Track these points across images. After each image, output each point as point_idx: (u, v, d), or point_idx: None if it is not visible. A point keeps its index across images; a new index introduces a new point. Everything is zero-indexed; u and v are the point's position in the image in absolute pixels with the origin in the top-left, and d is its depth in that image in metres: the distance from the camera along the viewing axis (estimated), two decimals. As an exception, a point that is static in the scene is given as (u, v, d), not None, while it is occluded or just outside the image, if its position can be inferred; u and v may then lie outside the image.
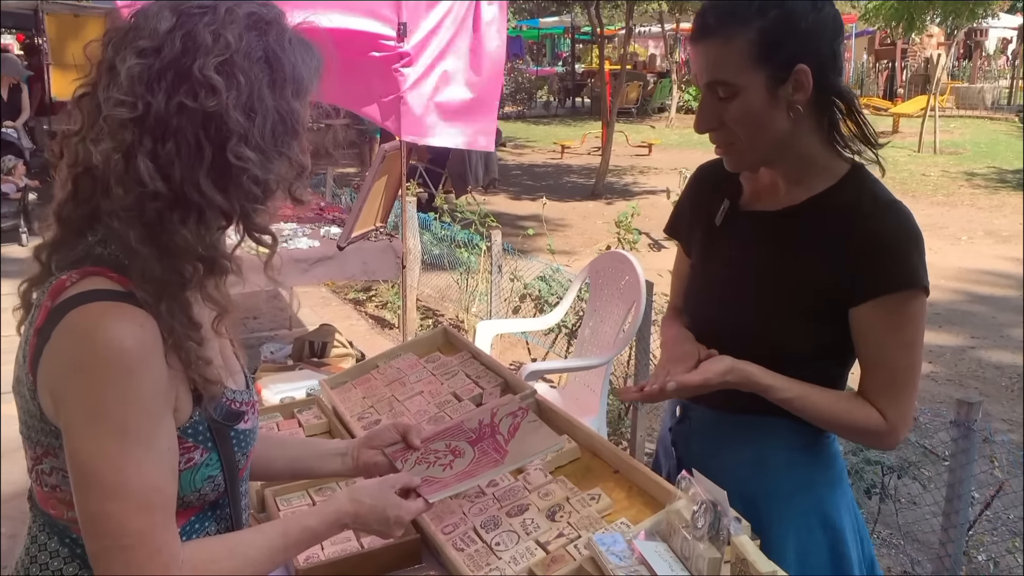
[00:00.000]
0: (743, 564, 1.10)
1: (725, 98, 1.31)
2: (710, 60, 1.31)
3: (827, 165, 1.38)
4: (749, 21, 1.28)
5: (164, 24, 0.95)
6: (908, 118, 16.26)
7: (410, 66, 3.21)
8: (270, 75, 0.98)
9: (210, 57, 0.94)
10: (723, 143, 1.37)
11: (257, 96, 0.97)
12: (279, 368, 3.54)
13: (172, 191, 0.95)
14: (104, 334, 0.92)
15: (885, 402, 1.35)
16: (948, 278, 7.17)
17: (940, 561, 2.52)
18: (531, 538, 1.35)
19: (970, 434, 2.35)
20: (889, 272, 1.30)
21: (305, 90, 1.03)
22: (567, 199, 11.21)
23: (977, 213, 9.96)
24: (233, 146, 0.95)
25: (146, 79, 0.93)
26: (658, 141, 15.21)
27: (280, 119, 0.99)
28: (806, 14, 1.29)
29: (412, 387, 1.90)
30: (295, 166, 1.03)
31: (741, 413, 1.41)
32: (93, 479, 0.94)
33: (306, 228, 4.04)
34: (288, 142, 1.01)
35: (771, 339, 1.37)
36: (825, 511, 1.44)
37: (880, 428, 1.35)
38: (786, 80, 1.29)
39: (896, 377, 1.35)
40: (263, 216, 1.03)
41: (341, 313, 6.24)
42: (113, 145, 0.94)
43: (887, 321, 1.32)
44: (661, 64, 24.19)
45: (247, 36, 0.96)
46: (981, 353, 5.54)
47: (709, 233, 1.52)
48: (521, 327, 4.52)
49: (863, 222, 1.32)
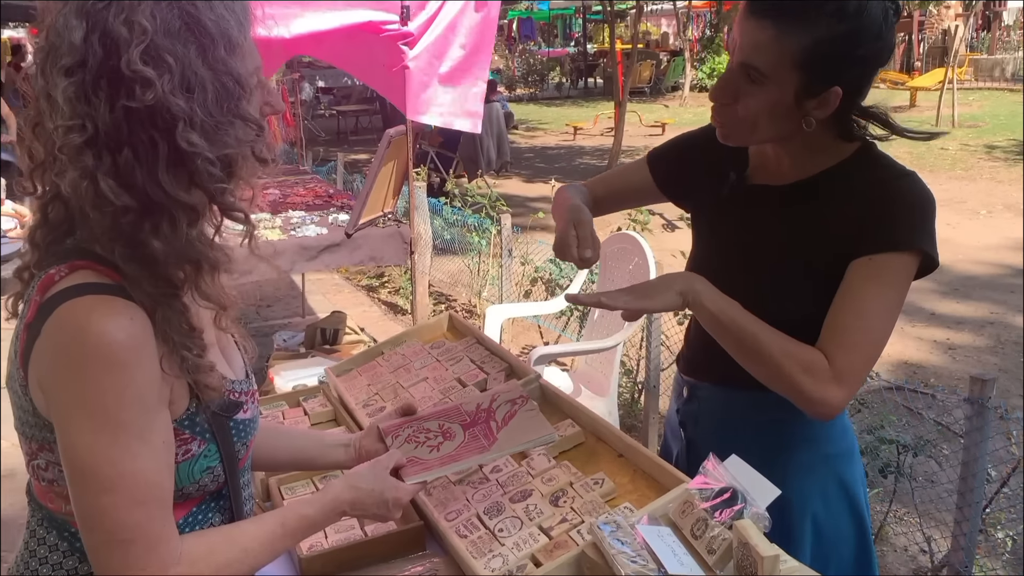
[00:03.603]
0: (745, 548, 1.09)
1: (752, 81, 1.27)
2: (756, 42, 1.25)
3: (835, 146, 1.36)
4: (813, 25, 1.21)
5: (77, 34, 0.90)
6: (926, 91, 16.01)
7: (412, 46, 3.23)
8: (197, 42, 0.93)
9: (132, 49, 0.89)
10: (723, 119, 1.34)
11: (191, 70, 0.92)
12: (291, 356, 3.56)
13: (138, 200, 0.92)
14: (94, 328, 0.91)
15: (836, 347, 1.27)
16: (967, 253, 7.08)
17: (956, 540, 2.49)
18: (534, 524, 1.34)
19: (984, 411, 2.31)
20: (891, 231, 1.27)
21: (236, 42, 0.96)
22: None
23: (997, 187, 9.80)
24: (181, 132, 0.91)
25: (83, 95, 0.90)
26: (672, 120, 15.09)
27: (221, 85, 0.94)
28: (868, 41, 1.23)
29: (417, 373, 1.90)
30: (251, 126, 0.98)
31: (750, 389, 1.37)
32: (88, 474, 0.93)
33: (314, 215, 4.04)
34: (235, 104, 0.96)
35: (775, 313, 1.34)
36: (844, 481, 1.44)
37: (821, 371, 1.25)
38: (817, 95, 1.26)
39: (859, 327, 1.27)
40: (234, 193, 0.99)
41: (354, 300, 6.25)
42: (78, 173, 0.92)
43: (872, 276, 1.28)
44: (674, 43, 23.98)
45: (159, 11, 0.91)
46: (1000, 329, 5.47)
47: (716, 204, 1.50)
48: (531, 311, 4.51)
49: (873, 188, 1.30)
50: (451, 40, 3.35)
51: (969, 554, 2.48)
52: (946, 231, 7.68)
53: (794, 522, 1.41)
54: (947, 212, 8.44)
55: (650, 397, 3.67)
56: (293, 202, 4.40)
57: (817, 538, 1.44)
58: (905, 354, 5.01)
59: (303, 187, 4.88)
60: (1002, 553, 2.86)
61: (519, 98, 21.63)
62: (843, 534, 1.46)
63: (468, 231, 5.86)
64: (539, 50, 26.15)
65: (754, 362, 1.31)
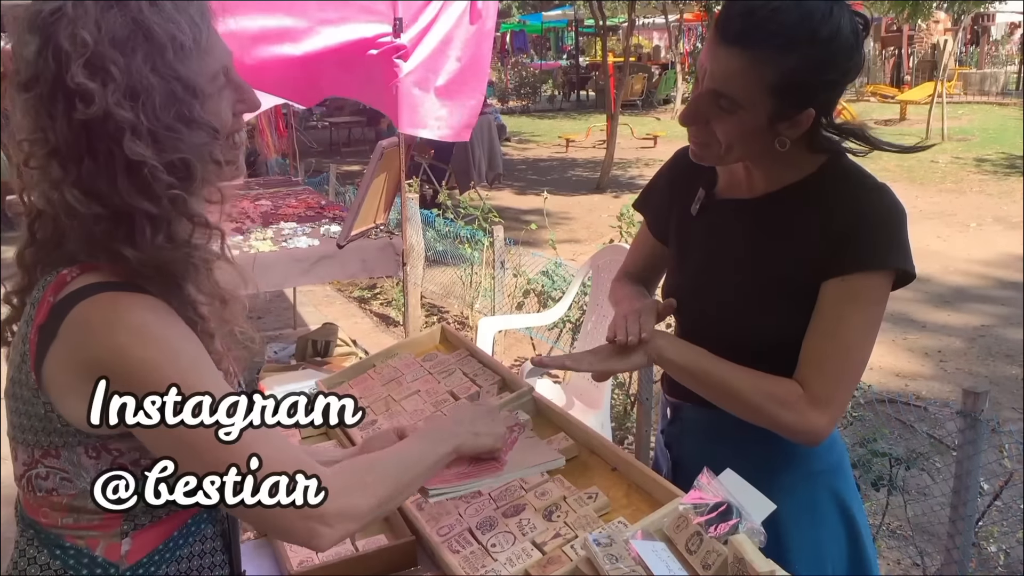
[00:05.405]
0: (740, 564, 1.08)
1: (723, 108, 1.25)
2: (728, 70, 1.21)
3: (805, 158, 1.34)
4: (786, 52, 1.18)
5: (30, 49, 0.91)
6: (915, 105, 16.11)
7: (405, 59, 3.22)
8: (143, 49, 0.91)
9: (74, 62, 0.89)
10: (700, 140, 1.33)
11: (136, 79, 0.90)
12: (282, 368, 3.53)
13: (106, 208, 0.92)
14: (123, 315, 0.91)
15: (810, 374, 1.26)
16: (957, 265, 7.12)
17: (949, 553, 2.49)
18: (527, 539, 1.33)
19: (977, 424, 2.31)
20: (863, 251, 1.26)
21: (186, 46, 0.94)
22: (572, 193, 11.17)
23: (987, 200, 9.86)
24: (127, 143, 0.91)
25: (42, 109, 0.91)
26: (663, 133, 15.14)
27: (169, 91, 0.93)
28: (840, 65, 1.22)
29: (409, 386, 1.88)
30: (205, 129, 0.97)
31: None
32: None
33: (306, 227, 4.02)
34: (185, 109, 0.94)
35: (752, 328, 1.34)
36: (835, 495, 1.43)
37: (797, 401, 1.25)
38: (791, 118, 1.25)
39: (835, 351, 1.26)
40: (198, 199, 0.99)
41: (345, 311, 6.23)
42: (48, 184, 0.92)
43: (846, 298, 1.27)
44: (665, 56, 24.09)
45: (104, 20, 0.90)
46: (991, 341, 5.49)
47: (685, 223, 1.50)
48: (523, 323, 4.50)
49: (842, 203, 1.29)
50: (446, 53, 3.33)
51: (962, 568, 2.48)
52: (936, 243, 7.72)
53: (783, 541, 1.40)
54: (937, 224, 8.48)
55: (643, 410, 3.66)
56: (285, 213, 4.39)
57: (811, 555, 1.42)
58: (896, 365, 5.02)
59: (295, 198, 4.87)
60: (995, 567, 2.85)
61: (512, 110, 21.65)
62: (838, 550, 1.44)
63: (461, 243, 5.86)
64: (532, 63, 26.23)
65: (730, 405, 1.33)
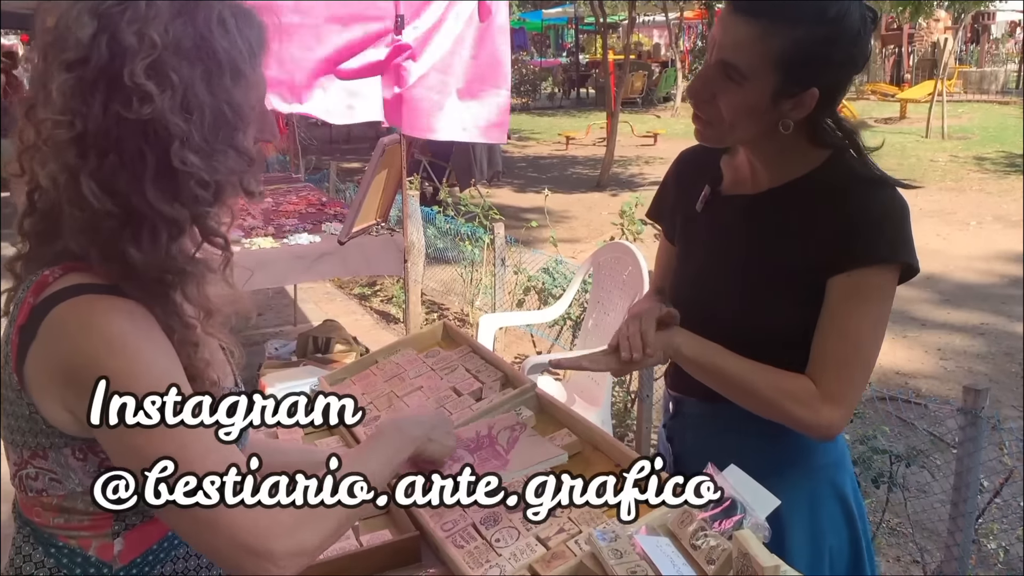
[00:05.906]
0: (745, 559, 1.08)
1: (730, 79, 1.27)
2: (738, 39, 1.25)
3: (807, 152, 1.35)
4: (795, 25, 1.22)
5: (86, 31, 0.89)
6: (915, 103, 16.11)
7: (413, 61, 3.19)
8: (204, 66, 0.91)
9: (138, 60, 0.88)
10: (704, 117, 1.34)
11: (192, 93, 0.90)
12: (283, 365, 3.53)
13: (120, 207, 0.91)
14: (98, 320, 0.90)
15: (822, 370, 1.29)
16: (957, 263, 7.12)
17: (949, 550, 2.49)
18: (531, 534, 1.33)
19: (977, 421, 2.32)
20: (867, 246, 1.27)
21: (243, 72, 0.95)
22: (572, 191, 11.17)
23: (986, 198, 9.87)
24: (176, 150, 0.90)
25: (79, 93, 0.89)
26: (663, 131, 15.14)
27: (220, 113, 0.93)
28: (847, 44, 1.24)
29: (411, 383, 1.89)
30: (244, 158, 0.97)
31: (735, 404, 1.38)
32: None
33: (307, 224, 4.03)
34: (230, 133, 0.95)
35: (753, 323, 1.35)
36: (836, 490, 1.44)
37: (810, 397, 1.28)
38: (794, 96, 1.26)
39: (845, 348, 1.29)
40: (217, 217, 0.98)
41: (346, 308, 6.23)
42: (58, 167, 0.90)
43: (853, 293, 1.28)
44: (665, 53, 24.07)
45: (173, 27, 0.90)
46: (991, 338, 5.49)
47: (690, 220, 1.51)
48: (524, 320, 4.51)
49: (845, 198, 1.30)
50: (459, 53, 3.28)
51: (962, 565, 2.48)
52: (937, 242, 7.72)
53: (787, 535, 1.40)
54: (937, 223, 8.49)
55: (643, 407, 3.66)
56: (286, 210, 4.39)
57: (811, 550, 1.43)
58: (896, 363, 5.02)
59: (296, 195, 4.87)
60: (995, 564, 2.86)
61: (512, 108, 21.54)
62: (838, 544, 1.45)
63: (461, 240, 5.86)
64: (531, 60, 26.21)
65: (745, 400, 1.35)
